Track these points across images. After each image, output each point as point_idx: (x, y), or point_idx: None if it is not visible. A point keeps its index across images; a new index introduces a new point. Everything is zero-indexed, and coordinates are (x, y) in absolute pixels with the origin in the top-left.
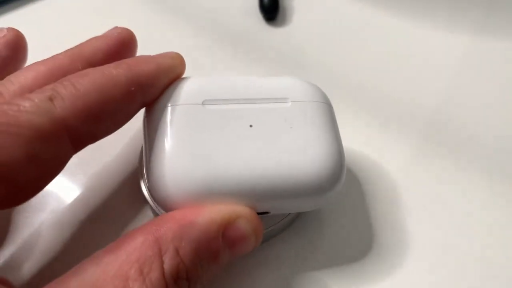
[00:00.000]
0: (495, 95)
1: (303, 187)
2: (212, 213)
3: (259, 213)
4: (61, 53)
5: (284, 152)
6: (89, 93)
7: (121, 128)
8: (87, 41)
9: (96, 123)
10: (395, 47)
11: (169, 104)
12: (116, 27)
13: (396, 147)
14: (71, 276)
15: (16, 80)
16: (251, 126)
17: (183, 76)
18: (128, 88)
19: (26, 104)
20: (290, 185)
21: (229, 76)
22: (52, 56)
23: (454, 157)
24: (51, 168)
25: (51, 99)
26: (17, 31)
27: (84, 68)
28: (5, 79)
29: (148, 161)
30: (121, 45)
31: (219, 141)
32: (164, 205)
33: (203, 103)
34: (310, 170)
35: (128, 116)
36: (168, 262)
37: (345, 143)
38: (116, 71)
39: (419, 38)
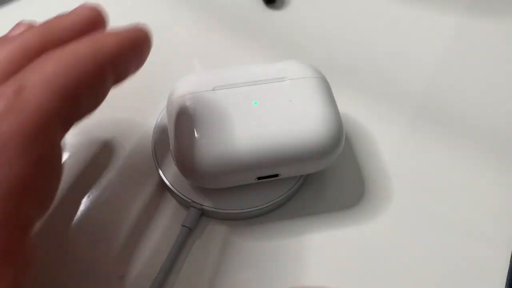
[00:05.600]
0: (485, 74)
1: (308, 151)
2: None
3: (270, 176)
4: (29, 31)
5: (288, 122)
6: (61, 75)
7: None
8: (55, 18)
9: (74, 104)
10: (391, 29)
11: (186, 93)
12: (83, 4)
13: (391, 119)
14: None
15: None
16: (256, 103)
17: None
18: (96, 63)
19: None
20: (297, 150)
21: (233, 66)
22: (21, 35)
23: (446, 131)
24: (51, 160)
25: (19, 91)
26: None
27: (54, 47)
28: None
29: (177, 144)
30: (91, 22)
31: (231, 119)
32: (196, 179)
33: (213, 89)
34: (313, 135)
35: (104, 91)
36: None
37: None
38: (83, 48)
39: (414, 19)
